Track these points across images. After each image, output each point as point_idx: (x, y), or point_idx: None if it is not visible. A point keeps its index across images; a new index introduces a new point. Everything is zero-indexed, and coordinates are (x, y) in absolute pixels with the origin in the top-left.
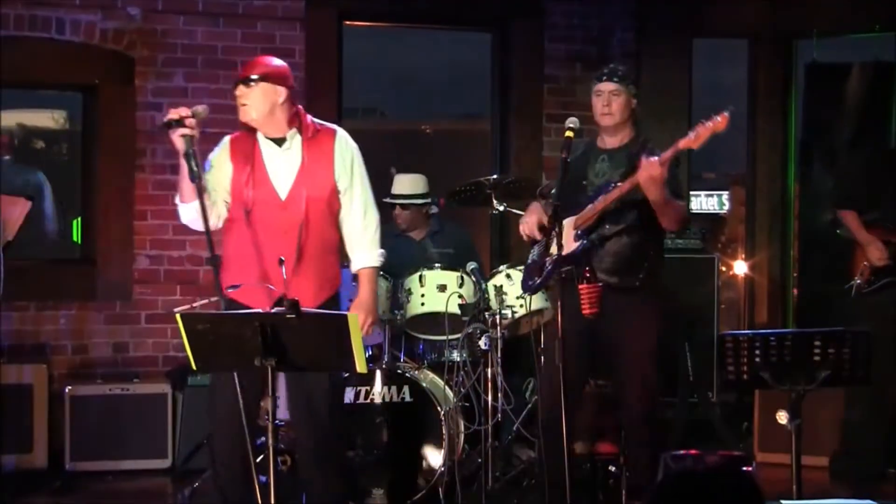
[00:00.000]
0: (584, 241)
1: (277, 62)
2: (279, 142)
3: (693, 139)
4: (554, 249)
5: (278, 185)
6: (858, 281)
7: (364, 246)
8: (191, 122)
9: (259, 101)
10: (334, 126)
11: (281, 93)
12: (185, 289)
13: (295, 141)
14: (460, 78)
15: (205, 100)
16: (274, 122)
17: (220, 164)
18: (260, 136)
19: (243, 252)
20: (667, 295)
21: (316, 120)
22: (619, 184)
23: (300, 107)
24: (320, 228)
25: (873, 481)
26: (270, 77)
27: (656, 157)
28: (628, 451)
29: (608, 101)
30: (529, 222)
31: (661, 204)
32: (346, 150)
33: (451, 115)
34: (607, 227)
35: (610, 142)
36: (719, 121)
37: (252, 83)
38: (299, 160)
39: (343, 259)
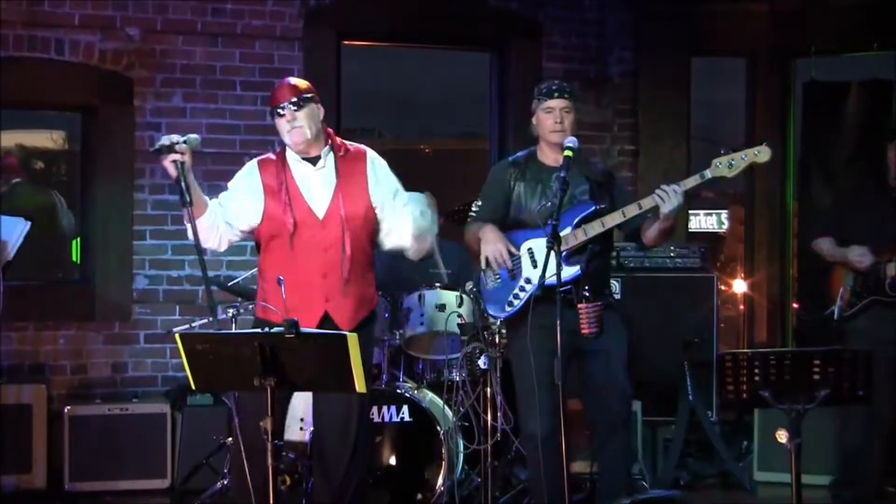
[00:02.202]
0: (582, 265)
1: (309, 84)
2: (313, 161)
3: (727, 170)
4: (530, 272)
5: (315, 204)
6: (840, 304)
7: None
8: (181, 147)
9: (310, 121)
10: (363, 146)
11: (321, 111)
12: (184, 309)
13: (329, 159)
14: (459, 97)
15: (203, 120)
16: (316, 142)
17: (248, 188)
18: (290, 157)
19: (286, 273)
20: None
21: (347, 141)
22: (601, 206)
23: (329, 129)
24: (358, 246)
25: (873, 501)
26: (315, 97)
27: (678, 186)
28: (605, 460)
29: (560, 117)
30: (501, 249)
31: (666, 231)
32: (378, 169)
33: (450, 135)
34: (590, 247)
35: (557, 159)
36: (759, 153)
37: (303, 103)
38: (335, 178)
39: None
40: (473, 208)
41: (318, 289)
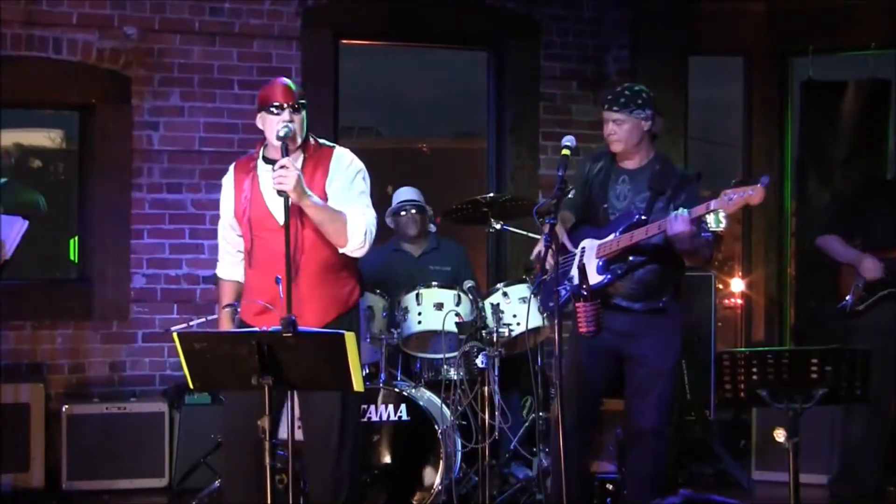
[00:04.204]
0: (609, 277)
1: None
2: None
3: (727, 204)
4: (574, 272)
5: (275, 207)
6: (850, 299)
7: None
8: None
9: (300, 127)
10: (337, 146)
11: (305, 116)
12: (181, 307)
13: (298, 162)
14: (456, 96)
15: (201, 119)
16: (297, 145)
17: (227, 192)
18: (260, 162)
19: (255, 275)
20: (683, 314)
21: (321, 139)
22: (642, 217)
23: None
24: (323, 248)
25: (872, 500)
26: (306, 104)
27: (686, 214)
28: (630, 463)
29: (612, 130)
30: (540, 249)
31: (689, 253)
32: (342, 164)
33: (448, 134)
34: (631, 258)
35: (628, 163)
36: (753, 194)
37: (300, 108)
38: None
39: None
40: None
41: (281, 294)
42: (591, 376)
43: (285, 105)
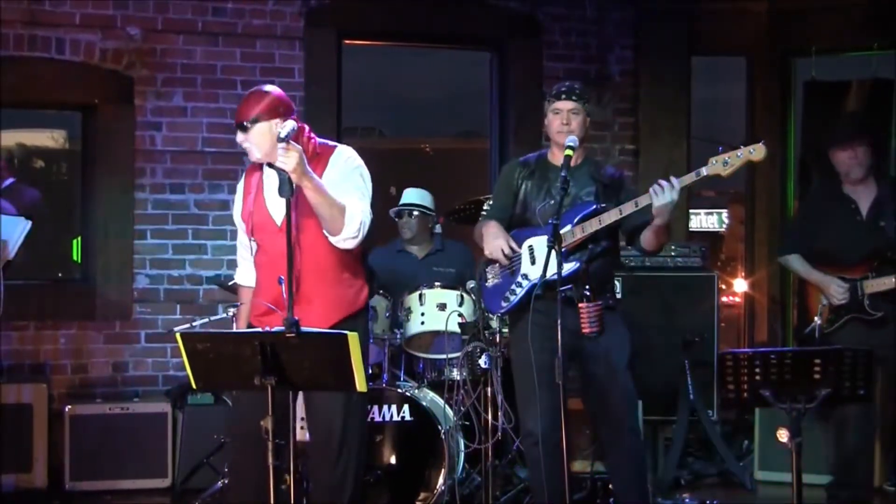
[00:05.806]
0: (579, 264)
1: (270, 95)
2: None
3: (722, 168)
4: (528, 269)
5: (274, 210)
6: (818, 322)
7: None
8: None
9: (260, 141)
10: (339, 145)
11: (283, 125)
12: (184, 308)
13: None
14: (459, 97)
15: (204, 119)
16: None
17: (238, 195)
18: (264, 164)
19: (260, 277)
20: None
21: (322, 140)
22: (601, 205)
23: (305, 126)
24: (321, 249)
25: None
26: (262, 115)
27: (676, 181)
28: (612, 464)
29: (567, 119)
30: (500, 244)
31: (663, 230)
32: (341, 159)
33: (450, 134)
34: (590, 247)
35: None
36: (754, 153)
37: (250, 126)
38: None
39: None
40: (485, 206)
41: (284, 294)
42: (555, 377)
43: (238, 127)
